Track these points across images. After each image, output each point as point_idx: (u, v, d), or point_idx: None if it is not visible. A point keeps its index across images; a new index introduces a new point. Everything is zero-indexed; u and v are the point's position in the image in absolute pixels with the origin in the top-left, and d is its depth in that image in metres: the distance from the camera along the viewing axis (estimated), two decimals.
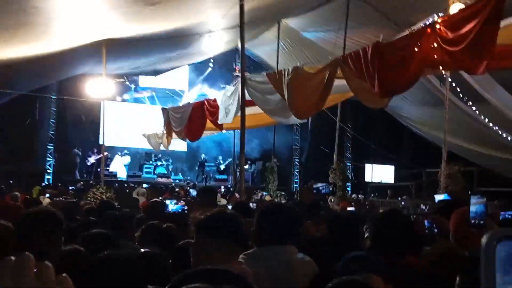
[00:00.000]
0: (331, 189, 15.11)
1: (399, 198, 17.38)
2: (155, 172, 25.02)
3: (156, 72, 21.50)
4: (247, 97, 9.65)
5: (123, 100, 25.71)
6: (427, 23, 7.15)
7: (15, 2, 9.07)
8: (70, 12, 10.53)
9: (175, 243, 3.72)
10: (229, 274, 1.87)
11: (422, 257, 3.30)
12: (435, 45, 6.57)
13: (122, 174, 24.00)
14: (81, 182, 20.68)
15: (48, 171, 24.05)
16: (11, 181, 17.63)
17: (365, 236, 3.67)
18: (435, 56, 6.79)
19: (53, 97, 23.27)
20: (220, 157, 25.97)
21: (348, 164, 25.66)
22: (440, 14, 8.28)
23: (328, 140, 20.01)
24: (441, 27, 6.52)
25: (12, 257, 0.87)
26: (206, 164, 26.10)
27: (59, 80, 21.35)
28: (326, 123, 19.10)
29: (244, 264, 2.60)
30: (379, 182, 24.03)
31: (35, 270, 0.87)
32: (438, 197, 8.76)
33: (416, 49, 6.73)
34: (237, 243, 2.63)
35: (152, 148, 19.94)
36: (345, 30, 10.82)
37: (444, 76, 10.61)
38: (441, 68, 7.88)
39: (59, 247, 2.72)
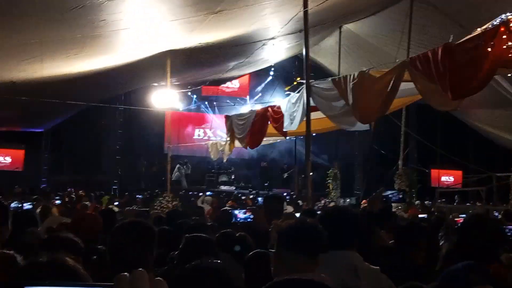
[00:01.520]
0: (401, 196, 14.70)
1: (468, 204, 16.83)
2: (218, 180, 25.26)
3: (218, 82, 21.76)
4: (312, 103, 9.59)
5: (187, 110, 26.15)
6: (495, 23, 6.87)
7: (83, 16, 9.35)
8: (135, 24, 10.79)
9: (248, 252, 3.71)
10: (315, 284, 1.84)
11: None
12: (510, 44, 6.32)
13: (184, 183, 24.38)
14: (148, 191, 21.08)
15: (115, 180, 24.74)
16: (80, 191, 18.21)
17: (441, 243, 3.54)
18: (509, 55, 6.52)
19: (120, 107, 23.97)
20: (285, 165, 25.87)
21: (413, 169, 25.09)
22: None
23: (392, 145, 19.62)
24: None
25: (127, 274, 0.87)
26: (268, 171, 26.13)
27: (124, 92, 21.96)
28: (390, 127, 18.74)
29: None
30: (446, 187, 23.34)
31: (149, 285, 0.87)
32: None
33: (488, 49, 6.49)
34: (317, 253, 2.59)
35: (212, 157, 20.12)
36: (409, 33, 10.58)
37: None
38: None
39: (152, 257, 2.75)
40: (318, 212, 7.42)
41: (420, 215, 10.11)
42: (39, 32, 10.10)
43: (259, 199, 15.54)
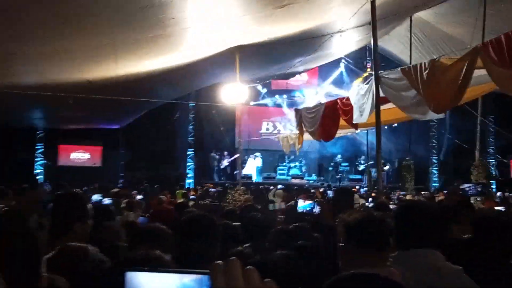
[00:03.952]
0: (479, 189, 14.10)
1: None
2: (289, 173, 25.33)
3: (287, 75, 21.77)
4: (381, 94, 9.43)
5: (256, 104, 26.35)
6: None
7: (153, 15, 9.61)
8: (204, 21, 10.97)
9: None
10: (382, 279, 1.83)
11: None
12: None
13: (254, 177, 24.64)
14: (220, 185, 21.42)
15: (189, 175, 25.32)
16: (156, 185, 18.73)
17: None
18: None
19: (191, 104, 24.48)
20: (363, 157, 25.53)
21: (491, 160, 24.15)
22: None
23: (468, 135, 18.94)
24: None
25: (221, 262, 0.92)
26: (340, 164, 25.93)
27: (196, 89, 22.40)
28: (465, 117, 18.10)
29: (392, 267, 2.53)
30: None
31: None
32: None
33: None
34: (386, 248, 2.56)
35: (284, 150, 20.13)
36: (484, 18, 10.18)
37: None
38: None
39: (217, 249, 2.82)
40: (391, 205, 7.31)
41: (496, 208, 9.68)
42: (113, 34, 10.49)
43: (329, 192, 15.42)
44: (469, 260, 3.17)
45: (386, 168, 23.76)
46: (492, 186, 18.47)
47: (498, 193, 15.95)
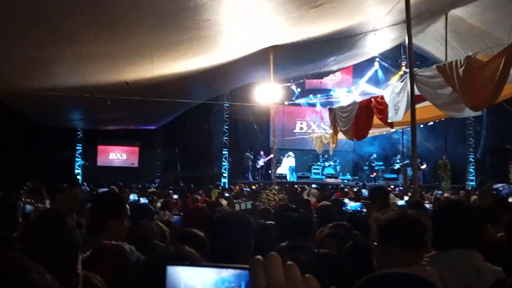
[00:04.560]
0: None
1: None
2: (323, 172, 25.27)
3: (321, 75, 21.70)
4: (416, 92, 9.35)
5: (290, 104, 26.36)
6: None
7: (189, 17, 9.75)
8: (238, 22, 11.07)
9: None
10: (414, 279, 1.85)
11: None
12: None
13: (288, 176, 24.66)
14: (255, 185, 21.50)
15: (224, 174, 25.49)
16: (192, 185, 18.96)
17: None
18: None
19: (226, 104, 24.65)
20: (399, 156, 25.25)
21: None
22: None
23: (507, 134, 18.57)
24: None
25: (260, 257, 0.92)
26: (375, 163, 25.73)
27: (230, 89, 22.54)
28: (504, 115, 17.75)
29: (429, 267, 2.54)
30: None
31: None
32: None
33: None
34: (420, 247, 2.57)
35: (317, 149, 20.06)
36: None
37: None
38: None
39: (250, 247, 2.88)
40: (427, 205, 7.26)
41: None
42: (149, 36, 10.69)
43: (363, 191, 15.34)
44: (505, 260, 3.16)
45: (423, 167, 23.47)
46: None
47: None
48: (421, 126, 19.24)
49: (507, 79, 7.96)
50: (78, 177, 24.35)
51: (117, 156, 26.49)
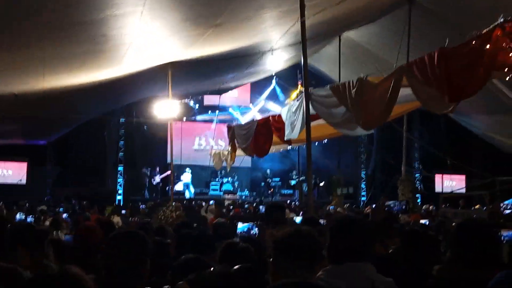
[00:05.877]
0: (403, 207, 14.59)
1: (473, 208, 16.76)
2: (222, 189, 25.32)
3: (219, 91, 21.84)
4: (312, 111, 9.62)
5: (188, 120, 26.23)
6: (491, 27, 6.83)
7: (83, 31, 9.44)
8: (136, 38, 10.87)
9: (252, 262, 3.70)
10: (311, 285, 1.88)
11: None
12: (505, 47, 6.30)
13: (186, 193, 24.53)
14: (152, 202, 21.08)
15: (119, 191, 24.80)
16: (84, 202, 18.26)
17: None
18: (505, 59, 6.51)
19: (122, 120, 24.08)
20: (295, 172, 25.78)
21: (417, 175, 25.07)
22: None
23: (395, 151, 19.63)
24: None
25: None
26: (272, 179, 26.15)
27: (126, 103, 22.06)
28: (392, 134, 18.77)
29: (323, 281, 2.59)
30: (450, 192, 23.28)
31: None
32: None
33: (483, 52, 6.49)
34: (315, 261, 2.62)
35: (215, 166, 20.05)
36: (408, 39, 10.67)
37: None
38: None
39: (146, 267, 2.79)
40: (321, 220, 7.45)
41: (421, 221, 10.08)
42: (41, 48, 10.20)
43: (261, 207, 15.54)
44: (396, 271, 3.29)
45: (322, 184, 24.36)
46: (418, 200, 19.18)
47: (424, 206, 16.56)
48: (316, 144, 19.81)
49: (396, 100, 8.39)
50: None
51: (2, 172, 24.85)
